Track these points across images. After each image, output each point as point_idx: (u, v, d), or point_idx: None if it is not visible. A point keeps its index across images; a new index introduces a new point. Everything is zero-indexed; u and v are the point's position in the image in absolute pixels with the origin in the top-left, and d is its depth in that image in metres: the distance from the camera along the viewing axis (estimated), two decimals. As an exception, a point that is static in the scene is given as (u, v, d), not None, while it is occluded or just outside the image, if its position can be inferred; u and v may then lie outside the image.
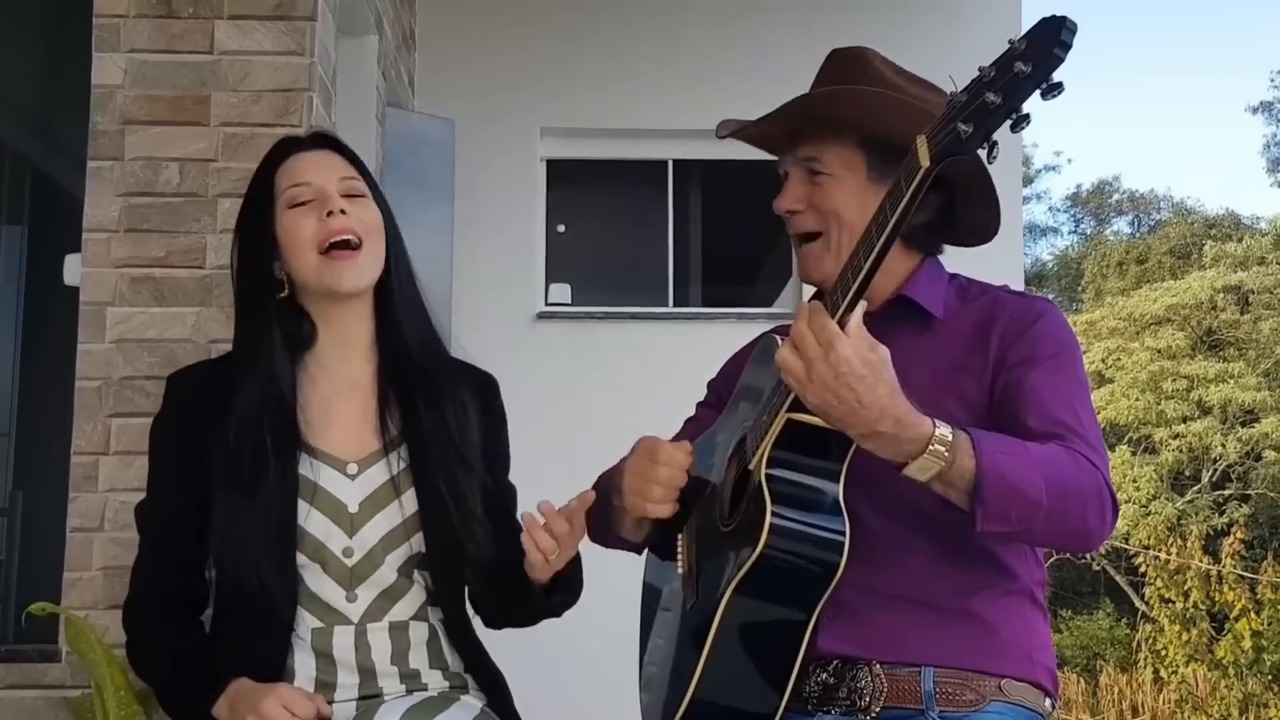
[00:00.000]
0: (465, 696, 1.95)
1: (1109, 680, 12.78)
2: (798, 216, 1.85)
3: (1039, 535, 1.68)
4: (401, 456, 1.96)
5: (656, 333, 5.52)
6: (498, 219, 5.35)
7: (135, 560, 1.99)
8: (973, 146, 1.45)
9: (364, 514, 1.93)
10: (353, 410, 1.98)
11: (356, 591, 1.92)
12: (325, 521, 1.91)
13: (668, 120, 5.46)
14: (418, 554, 1.94)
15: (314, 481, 1.92)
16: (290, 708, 1.77)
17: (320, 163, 1.98)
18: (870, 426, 1.57)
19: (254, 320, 1.97)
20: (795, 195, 1.85)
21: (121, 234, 2.68)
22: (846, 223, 1.79)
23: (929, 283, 1.86)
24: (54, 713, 2.53)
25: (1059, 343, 1.79)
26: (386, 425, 1.97)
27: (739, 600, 1.69)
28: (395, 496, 1.94)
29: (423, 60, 5.24)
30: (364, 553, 1.92)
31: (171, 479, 1.97)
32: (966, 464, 1.58)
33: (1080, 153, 53.23)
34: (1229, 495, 17.11)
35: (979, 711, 1.71)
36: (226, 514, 1.88)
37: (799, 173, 1.86)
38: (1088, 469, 1.66)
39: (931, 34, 5.28)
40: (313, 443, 1.94)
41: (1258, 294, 18.22)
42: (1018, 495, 1.59)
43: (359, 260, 1.93)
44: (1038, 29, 1.40)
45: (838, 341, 1.54)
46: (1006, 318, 1.80)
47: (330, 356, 1.99)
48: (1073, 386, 1.77)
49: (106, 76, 2.72)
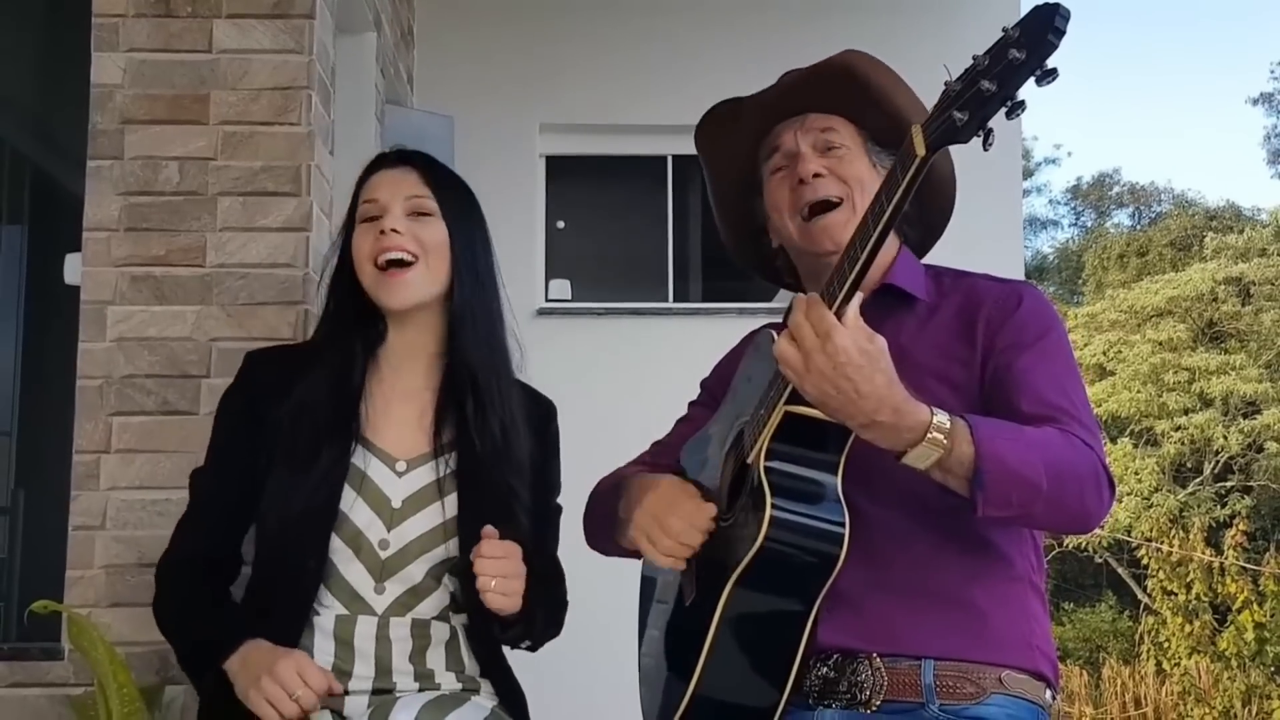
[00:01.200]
0: (476, 697, 1.96)
1: (1111, 672, 12.78)
2: (821, 181, 1.86)
3: (1039, 518, 1.69)
4: (449, 462, 2.01)
5: (657, 328, 5.52)
6: (497, 215, 5.25)
7: (179, 520, 2.09)
8: (968, 134, 1.46)
9: (406, 510, 1.98)
10: (410, 412, 2.05)
11: (385, 584, 1.95)
12: (368, 511, 1.96)
13: (667, 116, 5.45)
14: (451, 559, 1.97)
15: (363, 471, 1.98)
16: (304, 676, 1.79)
17: (393, 180, 2.07)
18: (869, 416, 1.58)
19: (338, 314, 2.10)
20: (818, 162, 1.86)
21: (121, 233, 2.68)
22: (868, 191, 1.80)
23: (908, 269, 1.89)
24: (56, 711, 2.54)
25: (1043, 324, 1.81)
26: (440, 431, 2.03)
27: (739, 593, 1.69)
28: (438, 498, 1.99)
29: (422, 57, 5.23)
30: (399, 547, 1.96)
31: (229, 450, 2.05)
32: (965, 450, 1.59)
33: (1080, 145, 53.22)
34: (1231, 487, 17.09)
35: (979, 704, 1.72)
36: (277, 486, 1.96)
37: (811, 145, 1.88)
38: (1083, 450, 1.67)
39: (929, 33, 5.28)
40: (368, 436, 2.00)
41: (1259, 285, 18.20)
42: (1017, 479, 1.60)
43: (407, 277, 2.02)
44: (1031, 16, 1.41)
45: (835, 332, 1.54)
46: (990, 304, 1.82)
47: (397, 358, 2.08)
48: (1061, 367, 1.78)
49: (105, 76, 2.72)
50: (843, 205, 1.84)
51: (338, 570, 1.96)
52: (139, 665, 2.44)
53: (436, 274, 2.05)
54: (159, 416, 2.61)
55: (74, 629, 2.32)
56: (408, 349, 2.09)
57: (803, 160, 1.87)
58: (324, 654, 1.94)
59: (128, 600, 2.55)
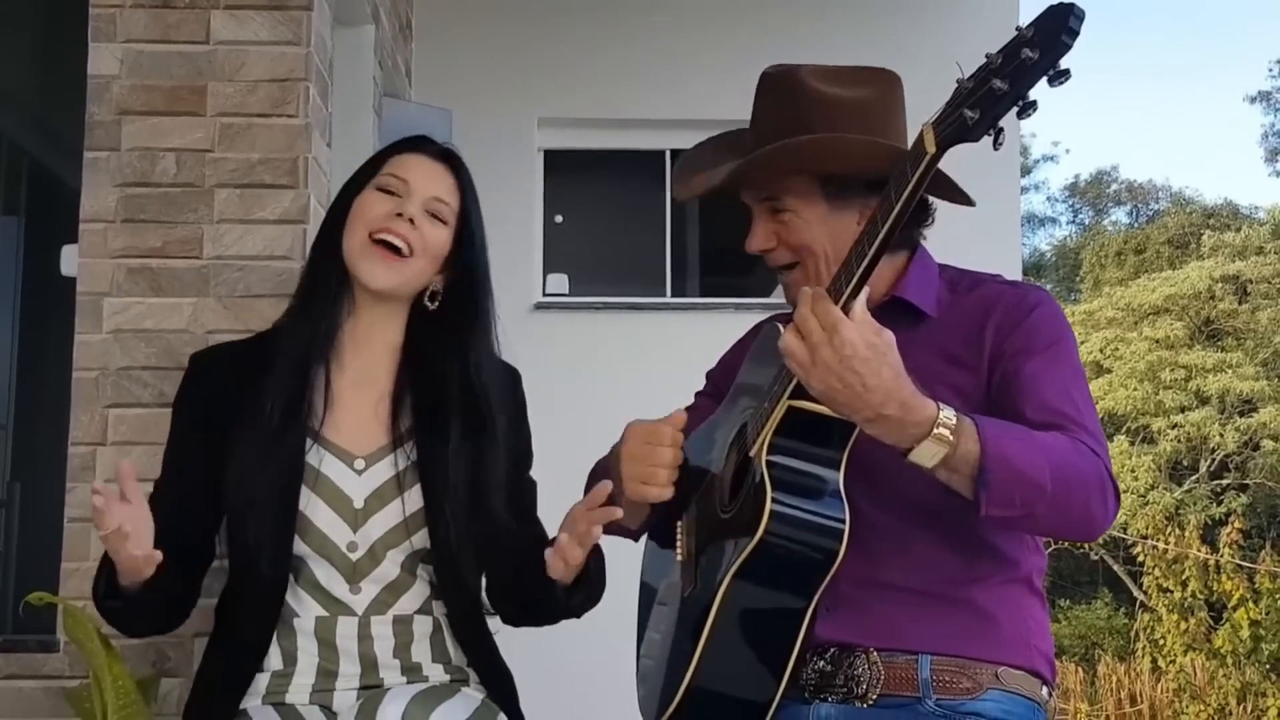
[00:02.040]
0: (466, 688, 1.95)
1: (1107, 670, 12.79)
2: (771, 254, 1.87)
3: (1042, 522, 1.67)
4: (409, 453, 1.96)
5: (654, 323, 5.52)
6: (495, 210, 5.24)
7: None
8: (979, 133, 1.45)
9: (369, 509, 1.94)
10: (366, 402, 2.00)
11: (360, 585, 1.93)
12: (328, 512, 1.92)
13: (665, 111, 5.46)
14: (420, 550, 1.95)
15: (317, 469, 1.93)
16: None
17: (428, 172, 2.02)
18: (875, 410, 1.57)
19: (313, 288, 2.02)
20: (764, 234, 1.86)
21: (118, 224, 2.68)
22: (819, 253, 1.81)
23: (920, 280, 1.86)
24: (52, 703, 2.53)
25: (1054, 332, 1.79)
26: (397, 421, 1.98)
27: (738, 585, 1.69)
28: (399, 494, 1.95)
29: (420, 50, 5.23)
30: (366, 548, 1.93)
31: (173, 451, 2.02)
32: (971, 448, 1.58)
33: (1078, 143, 53.33)
34: (1227, 485, 17.11)
35: (976, 699, 1.72)
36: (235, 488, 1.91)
37: (762, 211, 1.86)
38: (1089, 456, 1.66)
39: (928, 31, 5.28)
40: (324, 432, 1.95)
41: (1256, 283, 18.21)
42: (1022, 479, 1.59)
43: (397, 265, 1.96)
44: (1045, 16, 1.40)
45: (842, 325, 1.54)
46: (1002, 310, 1.80)
47: (356, 345, 2.02)
48: (1070, 375, 1.77)
49: (102, 67, 2.72)
50: (800, 265, 1.84)
51: (311, 572, 1.93)
52: (134, 657, 2.44)
53: (423, 274, 2.01)
54: (155, 409, 2.60)
55: (69, 621, 2.31)
56: (369, 335, 2.02)
57: (752, 234, 1.87)
58: (308, 655, 1.93)
59: (123, 593, 2.54)
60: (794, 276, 1.85)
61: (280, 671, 1.93)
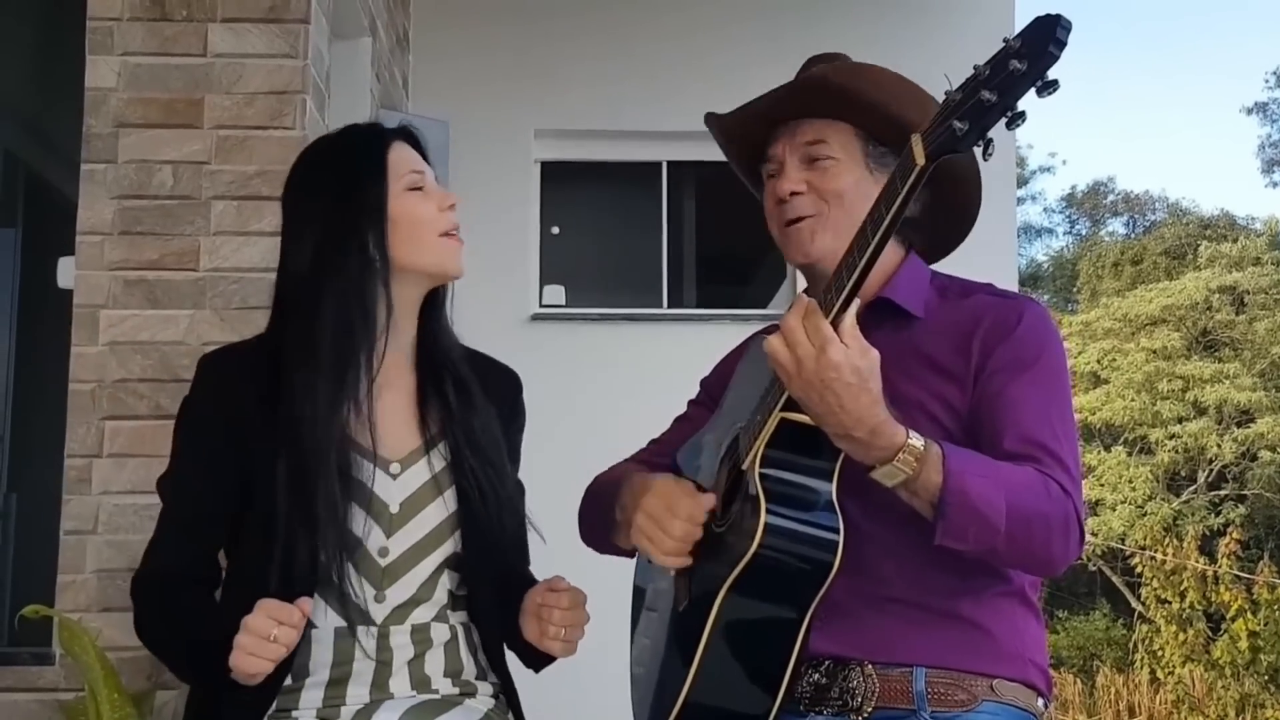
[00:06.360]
0: (471, 701, 1.94)
1: (1106, 681, 12.80)
2: (799, 199, 1.86)
3: (1002, 557, 1.69)
4: (441, 454, 1.95)
5: (651, 334, 5.52)
6: (492, 221, 5.34)
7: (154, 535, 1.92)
8: (968, 144, 1.45)
9: (405, 514, 1.92)
10: (396, 404, 1.97)
11: (386, 592, 1.90)
12: (364, 518, 1.88)
13: (662, 122, 5.46)
14: (450, 555, 1.93)
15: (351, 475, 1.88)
16: (276, 617, 1.71)
17: (417, 156, 2.04)
18: (845, 430, 1.58)
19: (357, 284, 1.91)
20: (797, 178, 1.86)
21: (115, 236, 2.68)
22: (848, 205, 1.80)
23: (910, 281, 1.87)
24: (47, 716, 2.53)
25: (1039, 346, 1.79)
26: (427, 422, 1.97)
27: (733, 599, 1.69)
28: (437, 495, 1.93)
29: (417, 62, 5.24)
30: (399, 553, 1.91)
31: (201, 456, 1.91)
32: (934, 478, 1.59)
33: (1075, 154, 53.37)
34: (1225, 495, 17.13)
35: (971, 711, 1.71)
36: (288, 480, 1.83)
37: (797, 158, 1.87)
38: (1058, 496, 1.66)
39: (926, 38, 5.30)
40: (356, 437, 1.90)
41: (1253, 294, 18.25)
42: (978, 516, 1.60)
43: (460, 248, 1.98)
44: (1032, 27, 1.41)
45: (830, 346, 1.54)
46: (989, 322, 1.80)
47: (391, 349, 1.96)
48: (1051, 397, 1.76)
49: (100, 79, 2.72)
50: (816, 217, 1.84)
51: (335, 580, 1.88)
52: (130, 670, 2.44)
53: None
54: (151, 421, 2.60)
55: (65, 634, 2.31)
56: (401, 336, 1.98)
57: (783, 177, 1.87)
58: (321, 667, 1.91)
59: (119, 605, 2.53)
60: (802, 227, 1.85)
61: (290, 686, 1.90)
